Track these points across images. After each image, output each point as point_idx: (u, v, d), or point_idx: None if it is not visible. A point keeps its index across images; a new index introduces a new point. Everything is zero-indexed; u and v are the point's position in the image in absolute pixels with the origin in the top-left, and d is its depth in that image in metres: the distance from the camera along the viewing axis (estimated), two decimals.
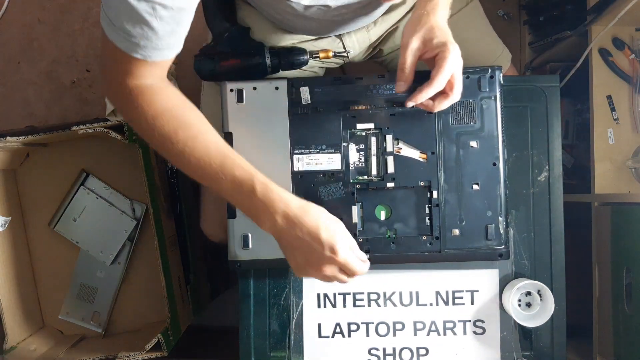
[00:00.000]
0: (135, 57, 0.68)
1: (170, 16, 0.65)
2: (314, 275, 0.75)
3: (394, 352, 0.92)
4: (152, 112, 0.73)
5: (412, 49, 0.76)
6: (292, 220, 0.73)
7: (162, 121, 0.73)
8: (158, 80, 0.74)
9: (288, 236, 0.73)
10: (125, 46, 0.67)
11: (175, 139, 0.73)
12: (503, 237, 0.84)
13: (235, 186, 0.73)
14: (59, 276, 1.20)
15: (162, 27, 0.66)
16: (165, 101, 0.74)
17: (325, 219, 0.74)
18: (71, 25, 1.67)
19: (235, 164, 0.73)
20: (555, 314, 0.89)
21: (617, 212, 1.00)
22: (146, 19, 0.64)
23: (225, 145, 0.75)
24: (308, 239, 0.72)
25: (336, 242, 0.72)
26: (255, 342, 0.92)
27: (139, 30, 0.65)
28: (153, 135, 0.74)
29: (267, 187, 0.73)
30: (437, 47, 0.74)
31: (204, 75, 0.90)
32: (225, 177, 0.73)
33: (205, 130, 0.75)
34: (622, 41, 1.14)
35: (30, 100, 1.68)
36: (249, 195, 0.73)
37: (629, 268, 0.94)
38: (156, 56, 0.69)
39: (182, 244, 1.20)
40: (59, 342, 1.17)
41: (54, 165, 1.20)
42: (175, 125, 0.73)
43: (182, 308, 1.13)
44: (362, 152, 0.86)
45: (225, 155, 0.74)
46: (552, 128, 0.91)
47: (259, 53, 0.88)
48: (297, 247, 0.74)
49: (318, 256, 0.73)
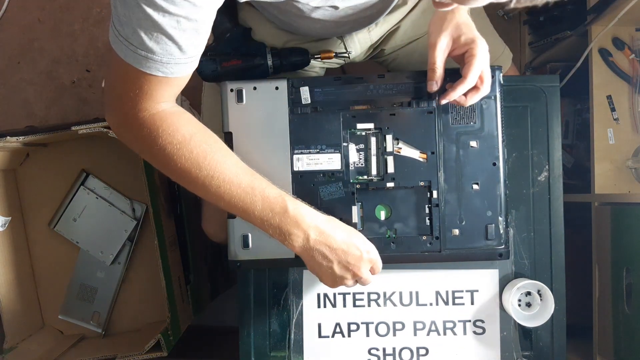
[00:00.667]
0: (155, 75, 0.65)
1: (193, 28, 0.63)
2: (349, 281, 0.79)
3: (394, 352, 0.92)
4: (179, 138, 0.69)
5: (441, 48, 0.77)
6: (325, 232, 0.76)
7: (191, 147, 0.70)
8: (174, 104, 0.72)
9: (322, 248, 0.76)
10: (145, 65, 0.64)
11: (203, 164, 0.71)
12: (503, 237, 0.84)
13: (267, 205, 0.73)
14: (59, 276, 1.20)
15: (185, 41, 0.63)
16: (190, 126, 0.71)
17: (350, 228, 0.80)
18: (71, 25, 1.67)
19: (264, 183, 0.74)
20: (555, 314, 0.89)
21: (617, 212, 1.00)
22: (170, 34, 0.62)
23: (249, 168, 0.75)
24: (344, 247, 0.76)
25: (369, 244, 0.79)
26: (255, 342, 0.92)
27: (163, 46, 0.63)
28: (176, 164, 0.70)
29: (297, 203, 0.75)
30: (465, 44, 0.76)
31: (206, 76, 0.89)
32: (256, 196, 0.73)
33: (230, 153, 0.74)
34: (622, 41, 1.14)
35: (30, 100, 1.68)
36: (280, 212, 0.73)
37: (629, 268, 0.94)
38: (179, 71, 0.66)
39: (182, 244, 1.20)
40: (59, 342, 1.17)
41: (54, 165, 1.20)
42: (205, 150, 0.71)
43: (182, 308, 1.13)
44: (362, 152, 0.85)
45: (254, 175, 0.74)
46: (552, 128, 0.91)
47: (261, 54, 0.88)
48: (331, 258, 0.77)
49: (356, 259, 0.77)
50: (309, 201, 0.79)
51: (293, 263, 0.86)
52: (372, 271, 0.80)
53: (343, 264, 0.77)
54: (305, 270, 0.92)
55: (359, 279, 0.79)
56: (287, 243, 0.75)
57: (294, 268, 0.92)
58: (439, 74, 0.79)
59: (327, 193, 0.85)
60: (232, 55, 0.88)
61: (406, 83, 0.85)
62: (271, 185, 0.75)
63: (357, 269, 0.78)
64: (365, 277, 0.79)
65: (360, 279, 0.79)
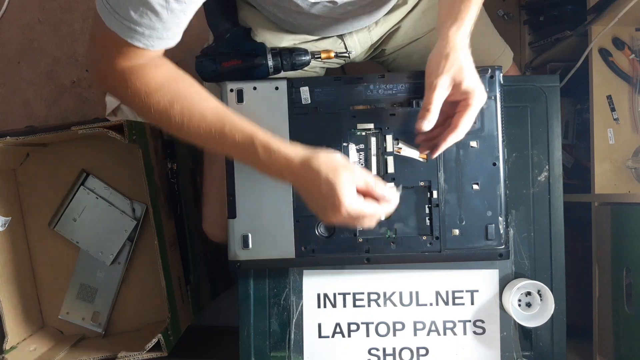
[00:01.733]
0: (136, 45, 0.68)
1: (181, 9, 0.65)
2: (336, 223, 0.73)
3: (394, 352, 0.92)
4: (145, 89, 0.72)
5: (441, 92, 0.73)
6: (298, 177, 0.72)
7: (157, 97, 0.73)
8: (151, 59, 0.74)
9: (299, 188, 0.74)
10: (127, 35, 0.67)
11: (172, 113, 0.73)
12: (503, 237, 0.84)
13: (239, 150, 0.73)
14: (59, 276, 1.20)
15: (170, 19, 0.66)
16: (158, 77, 0.74)
17: (325, 171, 0.70)
18: (71, 25, 1.67)
19: (234, 128, 0.73)
20: (555, 314, 0.89)
21: (617, 212, 1.00)
22: (157, 10, 0.64)
23: (222, 110, 0.74)
24: (315, 195, 0.71)
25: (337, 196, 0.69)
26: (255, 342, 0.92)
27: (146, 20, 0.65)
28: (150, 112, 0.74)
29: (269, 147, 0.71)
30: (465, 92, 0.73)
31: (206, 76, 0.89)
32: (227, 142, 0.73)
33: (201, 98, 0.75)
34: (622, 41, 1.14)
35: (30, 100, 1.68)
36: (253, 158, 0.73)
37: (629, 268, 0.94)
38: (158, 45, 0.69)
39: (182, 244, 1.20)
40: (59, 342, 1.17)
41: (54, 165, 1.19)
42: (170, 99, 0.73)
43: (182, 308, 1.13)
44: (362, 152, 0.85)
45: (224, 120, 0.73)
46: (552, 128, 0.91)
47: (261, 54, 0.88)
48: (309, 199, 0.73)
49: (327, 208, 0.71)
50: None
51: (293, 263, 0.86)
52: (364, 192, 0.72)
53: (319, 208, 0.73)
54: (305, 270, 0.92)
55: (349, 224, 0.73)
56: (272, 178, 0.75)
57: (294, 268, 0.92)
58: (432, 116, 0.73)
59: None
60: (232, 56, 0.88)
61: (406, 83, 0.85)
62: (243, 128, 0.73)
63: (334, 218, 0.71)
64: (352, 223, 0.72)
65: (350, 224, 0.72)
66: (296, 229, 0.85)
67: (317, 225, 0.85)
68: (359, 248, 0.85)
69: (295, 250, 0.85)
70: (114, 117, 1.60)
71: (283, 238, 0.85)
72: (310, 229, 0.85)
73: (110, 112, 1.60)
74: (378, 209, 0.72)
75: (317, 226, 0.85)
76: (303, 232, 0.85)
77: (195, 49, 0.90)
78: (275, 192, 0.85)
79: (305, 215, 0.84)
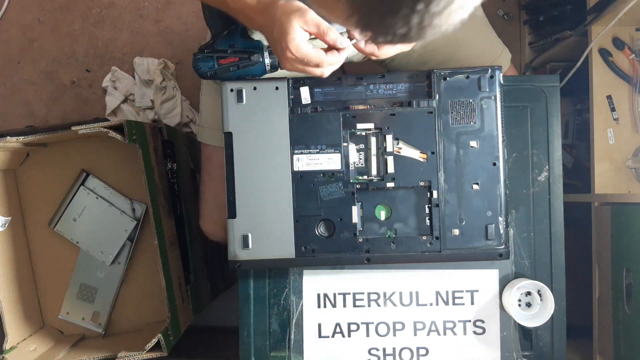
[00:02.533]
0: None
1: None
2: (289, 67, 0.75)
3: (394, 352, 0.92)
4: None
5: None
6: (259, 21, 0.74)
7: None
8: None
9: (263, 32, 0.76)
10: None
11: None
12: (503, 237, 0.84)
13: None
14: (59, 276, 1.20)
15: None
16: None
17: (279, 14, 0.72)
18: (71, 25, 1.67)
19: None
20: (555, 314, 0.89)
21: (617, 212, 1.00)
22: None
23: None
24: (271, 38, 0.74)
25: (285, 39, 0.71)
26: (255, 342, 0.92)
27: None
28: None
29: None
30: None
31: (202, 73, 0.89)
32: None
33: None
34: (622, 41, 1.14)
35: (30, 100, 1.68)
36: (223, 2, 0.75)
37: (629, 268, 0.94)
38: None
39: (182, 244, 1.20)
40: (59, 342, 1.17)
41: (54, 165, 1.19)
42: None
43: (182, 308, 1.13)
44: (362, 152, 0.86)
45: None
46: (552, 128, 0.91)
47: (258, 51, 0.88)
48: (270, 43, 0.76)
49: (278, 51, 0.74)
50: (309, 201, 0.79)
51: (293, 263, 0.86)
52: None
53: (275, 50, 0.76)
54: (305, 270, 0.92)
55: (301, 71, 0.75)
56: None
57: (294, 268, 0.92)
58: None
59: (327, 193, 0.85)
60: (229, 53, 0.88)
61: (406, 83, 0.85)
62: None
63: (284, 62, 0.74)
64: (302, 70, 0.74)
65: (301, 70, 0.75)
66: (296, 229, 0.85)
67: (317, 225, 0.85)
68: (359, 248, 0.85)
69: (295, 250, 0.85)
70: (114, 117, 1.60)
71: (283, 238, 0.85)
72: (310, 229, 0.85)
73: (110, 112, 1.60)
74: (324, 57, 0.73)
75: (317, 226, 0.85)
76: (303, 232, 0.85)
77: (194, 48, 0.90)
78: (275, 192, 0.85)
79: (305, 215, 0.84)
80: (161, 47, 1.63)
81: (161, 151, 1.17)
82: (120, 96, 1.59)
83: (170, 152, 1.21)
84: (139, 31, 1.65)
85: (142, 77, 1.58)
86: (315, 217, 0.84)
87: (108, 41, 1.66)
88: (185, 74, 1.60)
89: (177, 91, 1.57)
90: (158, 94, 1.56)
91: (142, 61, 1.60)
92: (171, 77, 1.58)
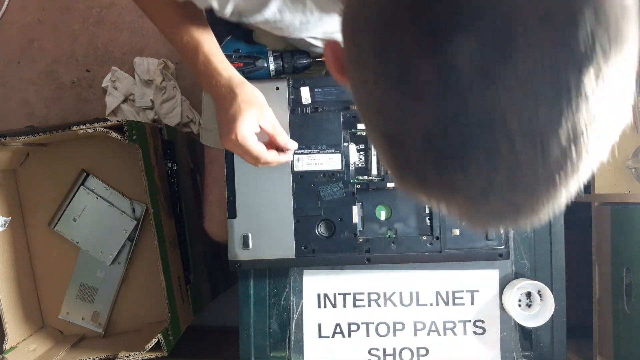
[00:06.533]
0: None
1: None
2: (227, 147, 0.77)
3: (394, 352, 0.92)
4: None
5: None
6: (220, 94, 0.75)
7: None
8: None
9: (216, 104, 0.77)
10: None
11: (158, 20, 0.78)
12: (503, 237, 0.84)
13: (183, 50, 0.76)
14: (59, 276, 1.20)
15: None
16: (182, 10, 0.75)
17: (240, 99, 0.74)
18: (71, 25, 1.67)
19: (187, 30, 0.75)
20: (555, 314, 0.89)
21: (617, 212, 1.00)
22: None
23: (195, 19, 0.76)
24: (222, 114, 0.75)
25: (236, 126, 0.73)
26: (255, 342, 0.92)
27: None
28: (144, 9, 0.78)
29: (208, 59, 0.75)
30: None
31: None
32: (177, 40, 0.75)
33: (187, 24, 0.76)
34: None
35: (30, 100, 1.67)
36: (193, 62, 0.75)
37: (629, 268, 0.94)
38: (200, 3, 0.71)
39: (182, 244, 1.20)
40: (59, 342, 1.16)
41: (54, 165, 1.19)
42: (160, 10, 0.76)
43: (182, 308, 1.13)
44: (363, 152, 0.86)
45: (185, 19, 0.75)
46: None
47: (262, 56, 0.88)
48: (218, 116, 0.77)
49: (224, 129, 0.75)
50: (309, 201, 0.79)
51: (293, 263, 0.86)
52: None
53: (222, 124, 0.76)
54: (306, 270, 0.92)
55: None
56: None
57: (294, 268, 0.92)
58: None
59: (327, 193, 0.85)
60: (233, 58, 0.88)
61: None
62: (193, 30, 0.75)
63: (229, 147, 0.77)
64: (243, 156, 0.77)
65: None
66: (296, 229, 0.85)
67: (318, 225, 0.85)
68: (359, 248, 0.85)
69: (295, 250, 0.85)
70: (114, 117, 1.60)
71: (283, 238, 0.85)
72: (311, 229, 0.85)
73: (110, 112, 1.60)
74: (266, 155, 0.76)
75: (317, 226, 0.85)
76: (303, 232, 0.85)
77: None
78: (275, 192, 0.85)
79: (305, 215, 0.84)
80: (161, 47, 1.63)
81: (161, 151, 1.17)
82: (120, 96, 1.59)
83: (170, 152, 1.21)
84: (139, 31, 1.65)
85: (142, 77, 1.58)
86: (315, 217, 0.85)
87: (108, 41, 1.66)
88: (185, 74, 1.60)
89: (177, 91, 1.57)
90: (158, 94, 1.56)
91: (142, 61, 1.60)
92: (171, 77, 1.58)
